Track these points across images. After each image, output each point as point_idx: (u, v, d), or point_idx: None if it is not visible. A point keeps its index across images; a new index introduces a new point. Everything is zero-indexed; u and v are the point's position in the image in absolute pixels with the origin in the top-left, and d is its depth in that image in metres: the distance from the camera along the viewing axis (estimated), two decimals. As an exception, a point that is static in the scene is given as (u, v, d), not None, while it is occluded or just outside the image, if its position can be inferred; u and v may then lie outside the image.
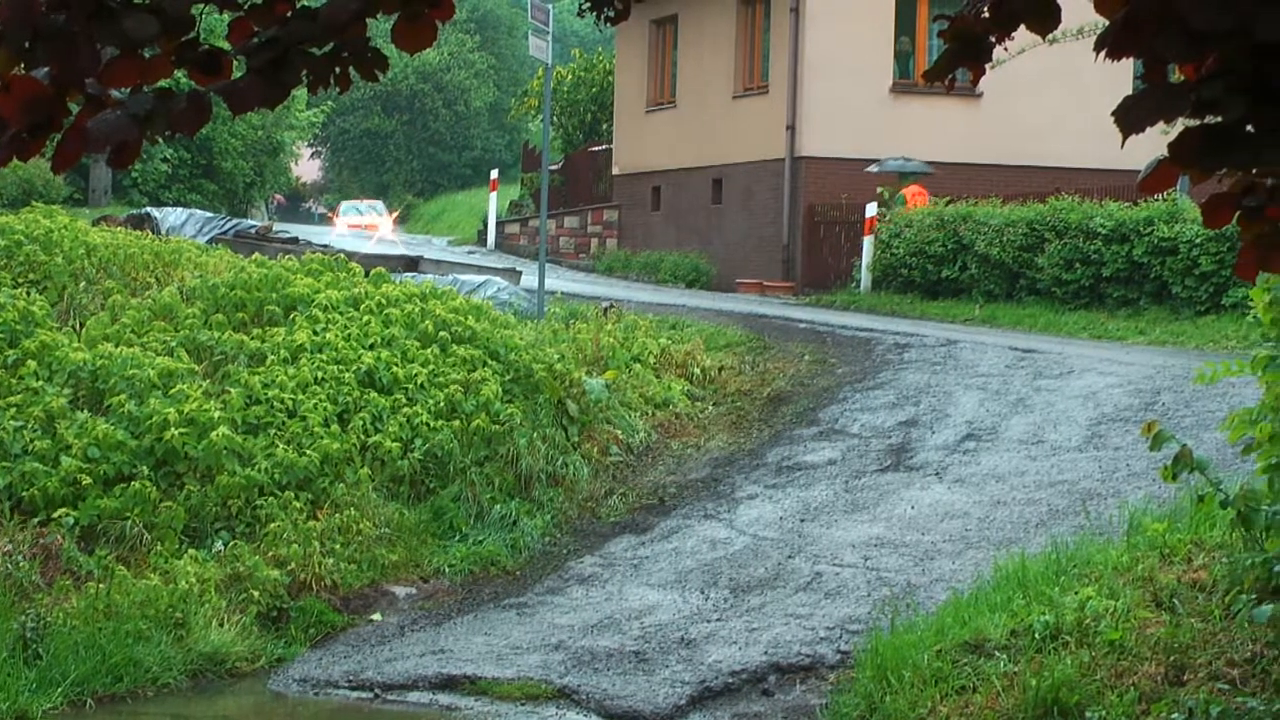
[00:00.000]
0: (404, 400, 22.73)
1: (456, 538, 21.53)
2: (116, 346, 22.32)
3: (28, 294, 23.15)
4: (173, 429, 20.79)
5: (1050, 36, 6.33)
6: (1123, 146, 6.57)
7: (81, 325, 23.24)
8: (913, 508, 21.00)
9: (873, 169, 39.46)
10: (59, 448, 20.07)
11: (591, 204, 48.92)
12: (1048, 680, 14.11)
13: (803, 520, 21.22)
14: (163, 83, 6.13)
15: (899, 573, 18.84)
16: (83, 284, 24.83)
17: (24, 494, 19.50)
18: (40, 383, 21.07)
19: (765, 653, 17.26)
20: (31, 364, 21.27)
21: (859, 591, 18.50)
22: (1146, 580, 15.47)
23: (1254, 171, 6.15)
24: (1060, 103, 39.60)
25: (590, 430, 24.38)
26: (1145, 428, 14.31)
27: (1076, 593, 15.47)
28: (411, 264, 33.38)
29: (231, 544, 19.74)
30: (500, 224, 50.41)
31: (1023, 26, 6.18)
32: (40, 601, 17.78)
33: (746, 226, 42.25)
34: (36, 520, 19.25)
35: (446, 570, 20.79)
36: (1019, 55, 5.86)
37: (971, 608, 16.08)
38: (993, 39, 6.28)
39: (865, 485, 22.23)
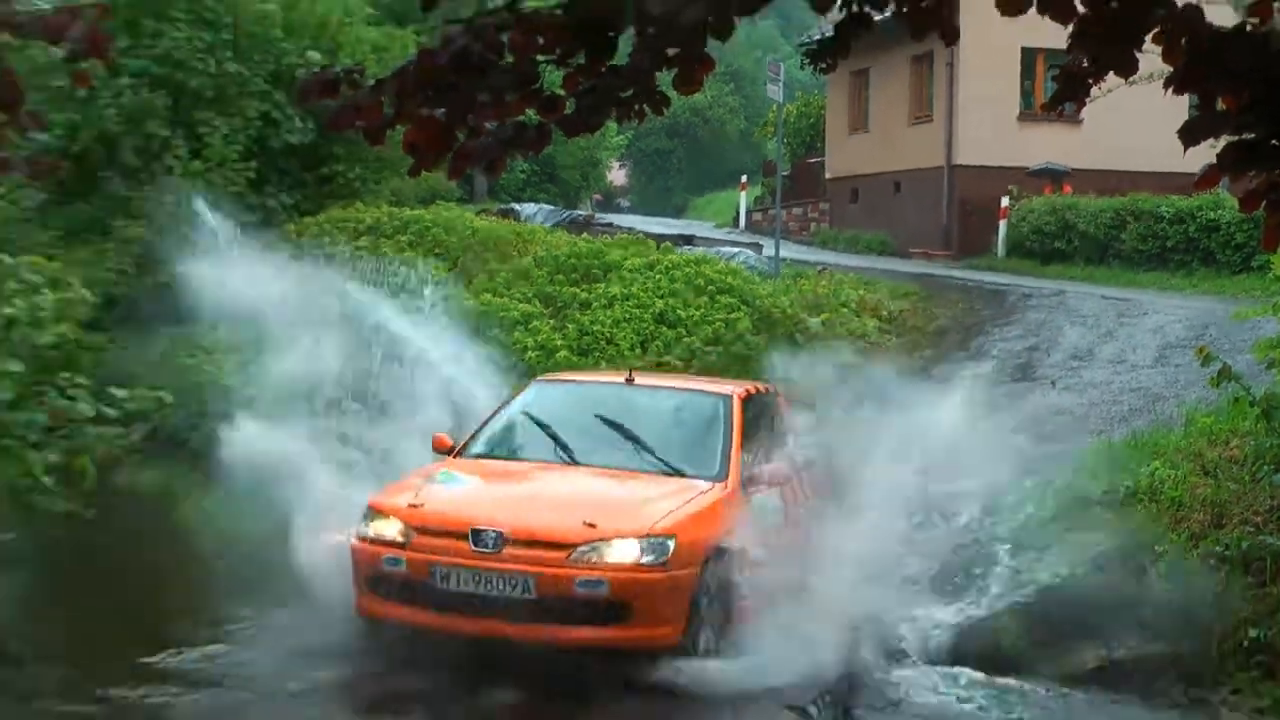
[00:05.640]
0: (685, 332, 22.81)
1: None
2: (493, 296, 22.69)
3: (433, 262, 23.49)
4: (530, 352, 21.13)
5: (1130, 79, 6.37)
6: (1184, 155, 6.61)
7: (469, 283, 23.57)
8: (1035, 408, 20.93)
9: (1037, 167, 39.05)
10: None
11: (811, 199, 48.70)
12: (1129, 524, 14.16)
13: (959, 418, 21.19)
14: (519, 117, 6.22)
15: (1028, 452, 18.75)
16: (470, 255, 25.17)
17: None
18: (443, 320, 21.29)
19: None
20: (437, 309, 21.48)
21: (998, 468, 18.37)
22: (1197, 456, 15.47)
23: (1276, 173, 6.20)
24: (1138, 124, 38.89)
25: (813, 353, 24.34)
26: (1197, 351, 14.40)
27: (1148, 465, 15.47)
28: (687, 240, 33.50)
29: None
30: (749, 213, 50.13)
31: (1111, 73, 6.22)
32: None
33: (918, 212, 41.93)
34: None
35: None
36: (1108, 93, 5.91)
37: (1079, 475, 16.08)
38: (1090, 81, 6.33)
39: (1003, 391, 22.18)
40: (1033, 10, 5.89)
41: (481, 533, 10.92)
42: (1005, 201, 38.24)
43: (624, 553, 10.93)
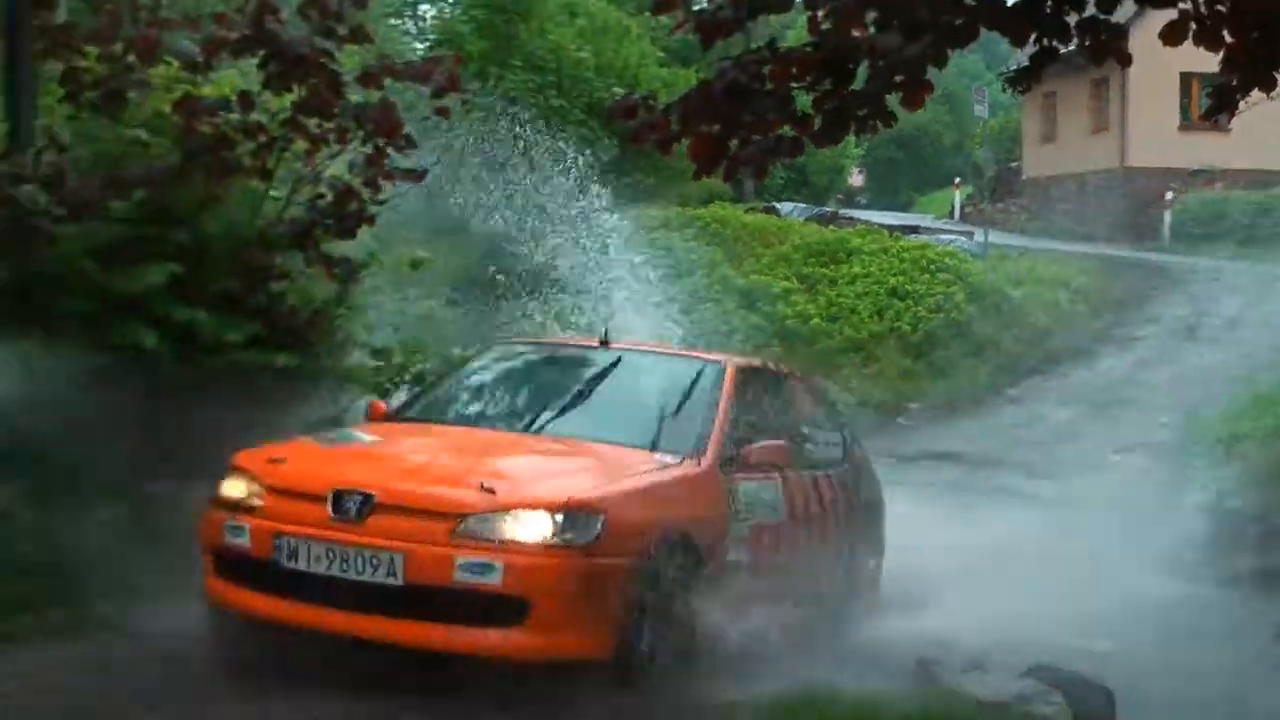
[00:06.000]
0: (913, 303, 22.48)
1: (939, 378, 21.35)
2: (759, 276, 22.69)
3: (709, 249, 23.55)
4: (789, 319, 21.12)
5: (1272, 95, 6.24)
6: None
7: (740, 265, 23.60)
8: (1197, 360, 20.46)
9: (1195, 168, 38.07)
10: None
11: (1012, 195, 47.84)
12: (1270, 456, 13.84)
13: (1135, 368, 20.80)
14: (778, 133, 6.21)
15: (1192, 395, 18.31)
16: (740, 244, 25.17)
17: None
18: (720, 295, 21.09)
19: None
20: (716, 287, 21.42)
21: (1169, 408, 18.04)
22: (1332, 398, 15.05)
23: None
24: (1274, 130, 37.66)
25: (1015, 317, 23.91)
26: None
27: (1286, 407, 15.13)
28: (913, 229, 33.09)
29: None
30: (961, 207, 49.14)
31: (1255, 90, 6.11)
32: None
33: (1098, 206, 40.95)
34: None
35: (937, 395, 20.58)
36: (1253, 105, 5.76)
37: (1232, 414, 15.77)
38: (1238, 96, 6.21)
39: (1171, 349, 21.70)
40: (1189, 40, 5.81)
41: (344, 495, 6.57)
42: (1169, 196, 37.44)
43: (530, 528, 6.43)
